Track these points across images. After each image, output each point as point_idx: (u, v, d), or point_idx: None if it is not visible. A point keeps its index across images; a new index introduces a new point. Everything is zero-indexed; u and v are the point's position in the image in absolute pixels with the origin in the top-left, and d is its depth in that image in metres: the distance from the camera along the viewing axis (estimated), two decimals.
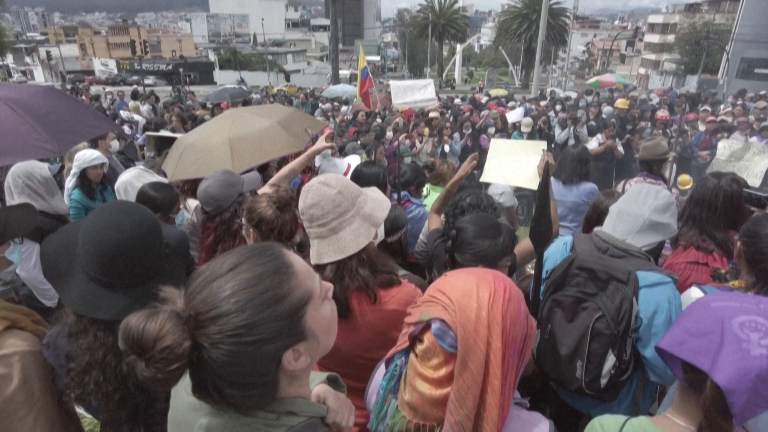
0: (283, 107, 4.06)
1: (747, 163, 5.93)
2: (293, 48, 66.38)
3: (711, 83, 35.19)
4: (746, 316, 1.05)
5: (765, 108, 11.50)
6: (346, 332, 1.69)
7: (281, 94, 19.57)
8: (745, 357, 1.00)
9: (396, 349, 1.23)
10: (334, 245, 1.64)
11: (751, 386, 0.99)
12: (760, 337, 1.01)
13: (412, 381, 1.15)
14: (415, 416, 1.17)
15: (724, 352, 1.03)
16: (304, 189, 1.65)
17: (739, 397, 1.00)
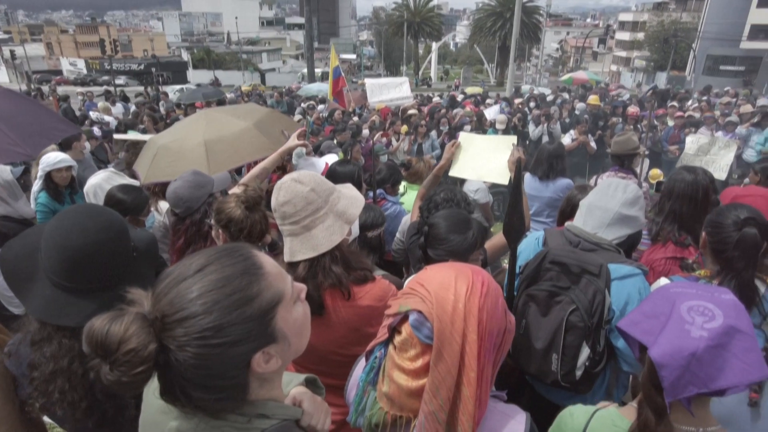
0: (258, 108, 4.01)
1: (713, 156, 6.10)
2: (268, 47, 65.71)
3: (679, 80, 36.12)
4: (697, 301, 1.09)
5: (728, 104, 11.87)
6: (320, 329, 1.68)
7: (256, 93, 19.37)
8: (683, 336, 1.04)
9: (376, 341, 1.23)
10: (307, 243, 1.63)
11: (684, 364, 1.02)
12: (704, 321, 1.05)
13: (390, 372, 1.15)
14: (392, 408, 1.17)
15: (666, 331, 1.07)
16: (277, 186, 1.64)
17: (670, 372, 1.04)
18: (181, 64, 51.36)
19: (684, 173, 2.76)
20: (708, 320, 1.04)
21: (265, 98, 16.89)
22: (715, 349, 1.01)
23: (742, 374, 0.99)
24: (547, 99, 14.44)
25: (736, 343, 1.01)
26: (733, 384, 1.00)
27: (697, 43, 41.85)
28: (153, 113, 9.48)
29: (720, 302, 1.08)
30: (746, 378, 0.99)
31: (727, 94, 15.02)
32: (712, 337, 1.02)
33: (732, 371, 1.00)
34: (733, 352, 1.01)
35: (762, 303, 1.97)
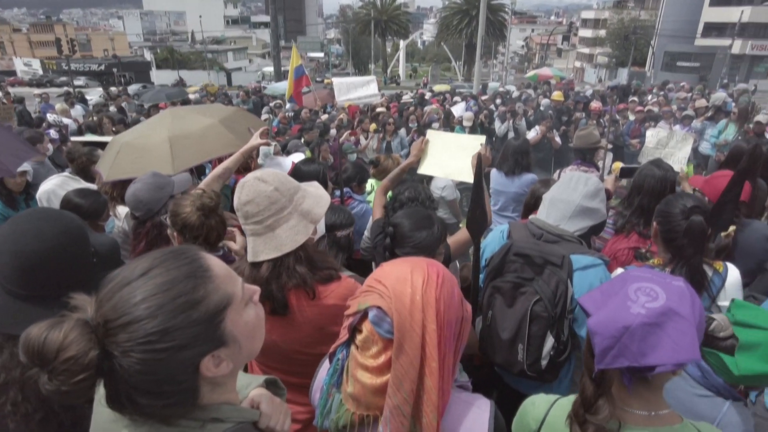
0: (224, 107, 3.95)
1: (672, 149, 6.28)
2: (234, 46, 64.64)
3: (640, 75, 37.24)
4: (647, 283, 1.13)
5: (684, 98, 12.31)
6: (284, 329, 1.67)
7: (221, 93, 19.05)
8: (622, 310, 1.09)
9: (338, 342, 1.23)
10: (271, 243, 1.61)
11: (616, 335, 1.06)
12: (647, 300, 1.09)
13: (354, 372, 1.16)
14: (358, 407, 1.17)
15: (609, 304, 1.12)
16: (239, 185, 1.61)
17: (601, 340, 1.08)
18: (144, 64, 50.05)
19: (653, 169, 2.84)
20: (650, 300, 1.08)
21: (231, 98, 16.60)
22: (650, 326, 1.05)
23: (673, 354, 1.03)
24: (513, 96, 14.67)
25: (673, 325, 1.05)
26: (662, 362, 1.03)
27: (655, 40, 43.25)
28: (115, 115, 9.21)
29: (668, 287, 1.11)
30: (675, 358, 1.02)
31: (683, 89, 15.59)
32: (649, 316, 1.05)
33: (663, 350, 1.03)
34: (668, 332, 1.04)
35: (710, 287, 2.06)
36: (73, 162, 3.85)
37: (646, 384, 1.15)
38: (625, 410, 1.17)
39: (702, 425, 1.20)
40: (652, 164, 2.92)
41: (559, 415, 1.26)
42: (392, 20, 54.56)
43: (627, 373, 1.11)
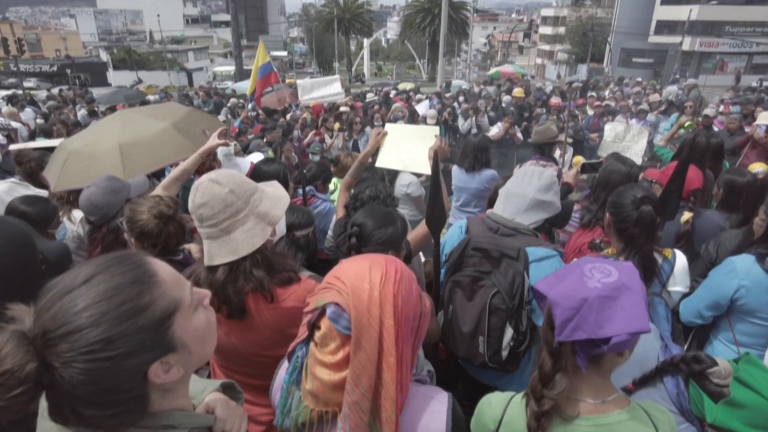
0: (179, 107, 3.83)
1: (629, 143, 6.45)
2: (194, 45, 63.16)
3: (598, 71, 38.38)
4: (601, 264, 1.20)
5: (638, 93, 12.77)
6: (243, 332, 1.65)
7: (181, 94, 18.62)
8: (580, 284, 1.15)
9: (297, 340, 1.23)
10: (226, 246, 1.57)
11: (575, 306, 1.12)
12: (601, 276, 1.16)
13: (312, 369, 1.16)
14: (317, 404, 1.17)
15: (566, 280, 1.18)
16: (194, 187, 1.57)
17: (562, 312, 1.14)
18: (99, 65, 48.33)
19: (619, 165, 2.94)
20: (604, 276, 1.16)
21: (192, 98, 16.25)
22: (606, 299, 1.12)
23: (626, 324, 1.10)
24: (473, 93, 14.87)
25: (625, 298, 1.12)
26: (617, 332, 1.09)
27: (612, 37, 44.63)
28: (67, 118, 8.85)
29: (619, 265, 1.20)
30: (629, 328, 1.10)
31: (638, 85, 16.15)
32: (604, 289, 1.13)
33: (617, 321, 1.10)
34: (621, 305, 1.12)
35: (661, 273, 2.16)
36: (20, 166, 3.69)
37: (598, 368, 1.20)
38: (578, 400, 1.21)
39: (647, 404, 1.26)
40: (617, 160, 3.02)
41: (516, 412, 1.29)
42: (355, 18, 54.40)
43: (581, 353, 1.16)
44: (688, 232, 2.83)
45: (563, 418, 1.20)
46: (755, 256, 2.09)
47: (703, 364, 1.42)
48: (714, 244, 2.61)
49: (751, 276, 2.06)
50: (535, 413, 1.19)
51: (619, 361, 1.20)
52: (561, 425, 1.20)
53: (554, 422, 1.20)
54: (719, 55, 45.44)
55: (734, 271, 2.12)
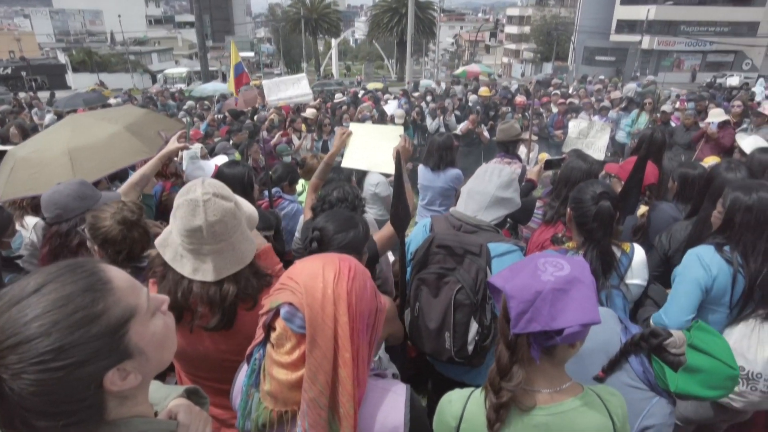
0: (133, 109, 3.74)
1: (592, 139, 6.59)
2: (158, 46, 61.67)
3: (563, 69, 39.27)
4: (554, 258, 1.24)
5: (599, 90, 13.14)
6: (218, 340, 1.63)
7: (146, 96, 18.18)
8: (534, 278, 1.19)
9: (254, 342, 1.24)
10: (231, 257, 1.56)
11: (530, 299, 1.16)
12: (554, 270, 1.20)
13: (270, 370, 1.17)
14: (276, 404, 1.18)
15: (521, 275, 1.22)
16: (192, 203, 1.48)
17: (517, 304, 1.18)
18: (58, 67, 46.61)
19: (580, 162, 3.01)
20: (557, 270, 1.20)
21: (155, 101, 15.88)
22: (559, 292, 1.16)
23: (578, 315, 1.14)
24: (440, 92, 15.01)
25: (576, 291, 1.17)
26: (570, 324, 1.14)
27: (575, 36, 45.74)
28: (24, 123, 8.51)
29: (570, 260, 1.24)
30: (580, 319, 1.14)
31: (600, 83, 16.61)
32: (557, 282, 1.17)
33: (570, 313, 1.15)
34: (573, 297, 1.16)
35: (619, 267, 2.23)
36: None
37: (551, 359, 1.24)
38: (534, 391, 1.25)
39: (599, 388, 1.31)
40: (578, 157, 3.10)
41: (476, 407, 1.32)
42: (323, 18, 54.16)
43: (535, 344, 1.19)
44: (644, 225, 2.94)
45: (521, 408, 1.23)
46: (713, 246, 2.16)
47: (659, 337, 1.51)
48: (666, 235, 2.71)
49: (715, 264, 2.12)
50: (493, 405, 1.23)
51: (570, 352, 1.24)
52: (519, 416, 1.23)
53: (512, 413, 1.23)
54: (676, 53, 47.20)
55: (702, 263, 2.15)
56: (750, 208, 2.07)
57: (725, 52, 46.10)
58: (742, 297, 2.08)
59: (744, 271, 2.07)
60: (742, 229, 2.09)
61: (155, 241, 1.63)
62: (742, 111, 7.63)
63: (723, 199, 2.21)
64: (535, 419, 1.23)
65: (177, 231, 1.53)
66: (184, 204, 1.49)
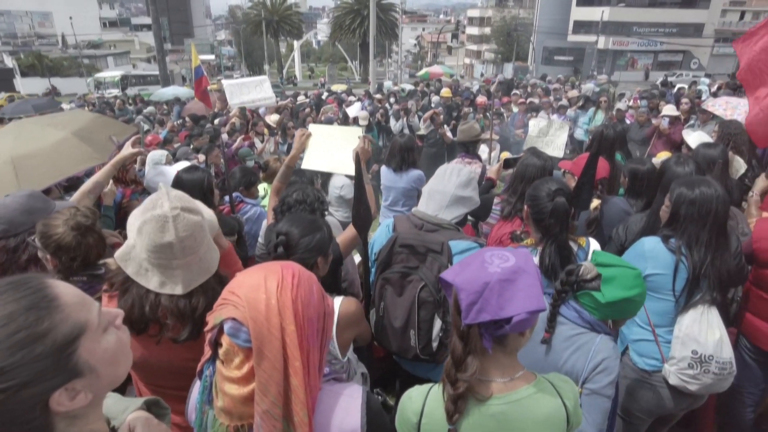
0: (82, 114, 3.58)
1: (552, 137, 6.75)
2: (114, 50, 59.70)
3: (523, 70, 40.14)
4: (501, 252, 1.30)
5: (557, 89, 13.52)
6: (183, 349, 1.61)
7: (102, 101, 17.61)
8: (482, 270, 1.24)
9: (203, 360, 1.22)
10: (199, 268, 1.56)
11: (479, 290, 1.21)
12: (501, 261, 1.26)
13: (221, 386, 1.15)
14: (232, 420, 1.17)
15: (469, 268, 1.27)
16: (161, 219, 1.45)
17: (467, 296, 1.22)
18: (5, 72, 44.40)
19: (534, 159, 3.09)
20: (503, 262, 1.25)
21: (112, 106, 15.39)
22: (505, 282, 1.21)
23: (524, 304, 1.20)
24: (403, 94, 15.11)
25: (522, 281, 1.22)
26: (517, 312, 1.19)
27: (534, 37, 46.87)
28: None
29: (515, 252, 1.30)
30: (527, 306, 1.20)
31: (558, 82, 17.08)
32: (504, 273, 1.22)
33: (517, 302, 1.20)
34: (519, 286, 1.21)
35: (576, 260, 2.31)
36: None
37: (503, 348, 1.29)
38: (489, 381, 1.29)
39: (551, 376, 1.38)
40: (532, 154, 3.18)
41: (436, 401, 1.35)
42: (284, 20, 53.64)
43: (486, 334, 1.24)
44: (597, 218, 3.06)
45: (477, 399, 1.27)
46: (660, 238, 2.28)
47: (574, 272, 1.75)
48: (623, 227, 2.83)
49: (656, 253, 2.24)
50: (451, 397, 1.26)
51: (521, 341, 1.29)
52: (476, 406, 1.27)
53: (470, 404, 1.27)
54: (630, 53, 49.07)
55: (642, 251, 2.29)
56: (693, 202, 2.19)
57: (675, 52, 48.26)
58: (687, 285, 2.19)
59: (688, 261, 2.19)
60: (686, 221, 2.21)
61: (115, 254, 1.59)
62: (689, 108, 8.00)
63: (669, 194, 2.32)
64: (492, 408, 1.27)
65: (144, 247, 1.49)
66: (151, 220, 1.45)
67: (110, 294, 1.64)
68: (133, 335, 1.57)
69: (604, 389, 1.65)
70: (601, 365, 1.65)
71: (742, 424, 2.88)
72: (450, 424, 1.27)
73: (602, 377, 1.65)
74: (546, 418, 1.28)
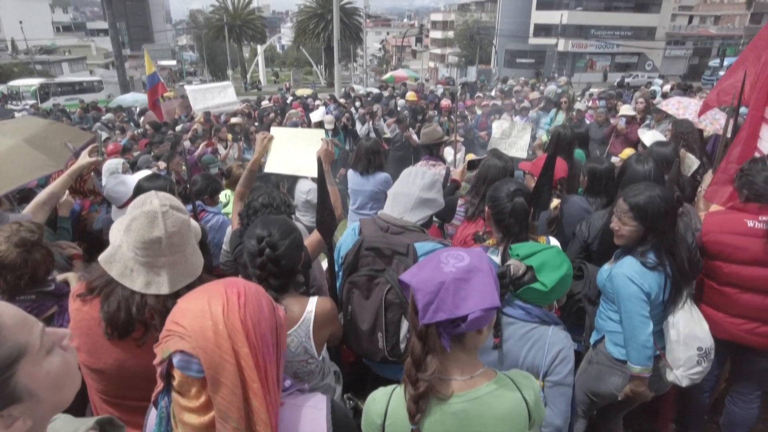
0: (34, 121, 3.40)
1: (515, 139, 6.88)
2: (69, 55, 57.66)
3: (486, 72, 40.84)
4: (456, 252, 1.33)
5: (518, 91, 13.85)
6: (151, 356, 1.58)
7: (57, 109, 17.00)
8: (437, 270, 1.27)
9: (156, 391, 1.16)
10: (184, 269, 1.60)
11: (434, 290, 1.24)
12: (456, 261, 1.28)
13: (180, 416, 1.11)
14: None
15: (425, 269, 1.30)
16: (150, 215, 1.52)
17: (423, 296, 1.25)
18: None
19: (495, 160, 3.15)
20: (458, 261, 1.28)
21: (69, 114, 14.88)
22: (460, 281, 1.24)
23: (480, 302, 1.22)
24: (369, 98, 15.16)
25: (477, 279, 1.25)
26: (472, 309, 1.21)
27: (497, 40, 47.76)
28: None
29: (470, 251, 1.33)
30: (482, 304, 1.22)
31: (519, 83, 17.47)
32: (458, 272, 1.25)
33: (472, 300, 1.22)
34: (474, 285, 1.24)
35: None
36: None
37: (462, 347, 1.31)
38: (449, 379, 1.31)
39: (512, 372, 1.41)
40: (493, 156, 3.25)
41: (398, 402, 1.36)
42: (247, 25, 53.00)
43: (444, 333, 1.26)
44: (558, 217, 3.14)
45: (438, 398, 1.29)
46: (636, 259, 2.27)
47: (506, 274, 1.81)
48: (586, 224, 2.92)
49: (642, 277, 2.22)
50: (412, 397, 1.27)
51: (479, 339, 1.31)
52: (438, 405, 1.29)
53: (431, 403, 1.28)
54: (588, 55, 50.65)
55: (633, 280, 2.24)
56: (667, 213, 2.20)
57: (630, 54, 50.13)
58: (672, 291, 2.27)
59: (671, 269, 2.24)
60: (658, 232, 2.24)
61: (99, 257, 1.60)
62: (644, 107, 8.32)
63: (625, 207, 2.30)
64: (454, 407, 1.28)
65: (131, 244, 1.54)
66: (141, 216, 1.52)
67: (82, 299, 1.63)
68: (114, 340, 1.58)
69: (565, 379, 1.72)
70: (559, 356, 1.72)
71: (699, 409, 3.01)
72: (413, 424, 1.28)
73: (562, 368, 1.72)
74: (507, 413, 1.30)
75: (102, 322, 1.57)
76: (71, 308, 1.66)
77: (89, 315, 1.61)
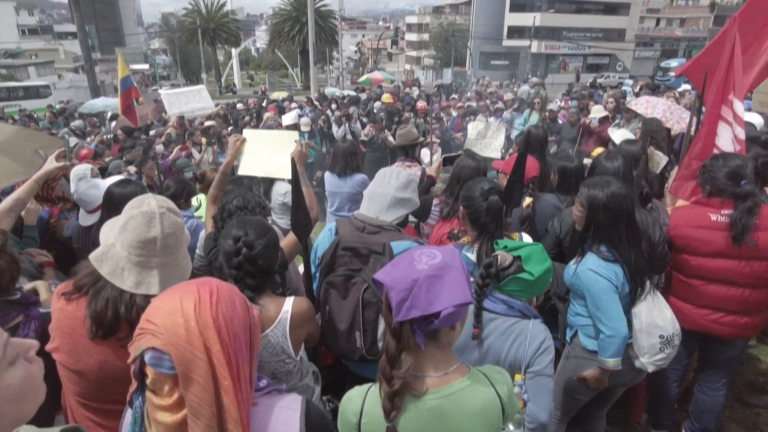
0: (2, 127, 3.33)
1: (490, 139, 6.95)
2: (35, 59, 56.10)
3: (462, 74, 41.24)
4: (429, 250, 1.34)
5: (492, 93, 14.06)
6: None
7: (24, 114, 16.52)
8: (410, 268, 1.29)
9: (131, 390, 1.16)
10: (175, 272, 1.62)
11: (408, 287, 1.25)
12: (428, 259, 1.30)
13: (153, 415, 1.11)
14: None
15: (399, 267, 1.31)
16: (147, 215, 1.56)
17: (397, 294, 1.26)
18: None
19: (469, 160, 3.19)
20: (431, 259, 1.30)
21: (37, 120, 14.49)
22: (433, 278, 1.26)
23: (451, 298, 1.24)
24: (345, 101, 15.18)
25: (449, 276, 1.27)
26: (445, 306, 1.23)
27: (471, 42, 48.27)
28: None
29: (442, 249, 1.35)
30: (454, 300, 1.24)
31: (492, 85, 17.75)
32: (431, 269, 1.27)
33: (444, 296, 1.24)
34: (446, 281, 1.26)
35: None
36: None
37: (436, 343, 1.33)
38: (424, 376, 1.32)
39: (485, 368, 1.43)
40: (467, 156, 3.29)
41: (374, 400, 1.36)
42: (221, 28, 52.32)
43: (418, 330, 1.27)
44: (530, 215, 3.21)
45: (413, 395, 1.30)
46: (594, 255, 2.33)
47: (493, 264, 1.84)
48: (558, 220, 2.98)
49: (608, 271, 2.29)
50: (387, 394, 1.28)
51: (453, 335, 1.33)
52: (413, 402, 1.30)
53: (406, 400, 1.30)
54: (561, 56, 51.62)
55: (600, 274, 2.28)
56: (606, 206, 2.27)
57: (602, 55, 51.26)
58: (631, 283, 2.32)
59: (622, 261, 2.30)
60: (595, 222, 2.32)
61: (90, 256, 1.60)
62: (614, 107, 8.52)
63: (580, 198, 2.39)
64: (428, 403, 1.30)
65: (126, 243, 1.57)
66: (138, 216, 1.56)
67: (68, 298, 1.63)
68: (98, 340, 1.59)
69: (546, 369, 1.76)
70: (541, 347, 1.76)
71: (669, 399, 3.10)
72: (388, 422, 1.29)
73: (543, 358, 1.76)
74: (481, 409, 1.32)
75: (87, 321, 1.57)
76: (54, 308, 1.65)
77: (73, 315, 1.62)
